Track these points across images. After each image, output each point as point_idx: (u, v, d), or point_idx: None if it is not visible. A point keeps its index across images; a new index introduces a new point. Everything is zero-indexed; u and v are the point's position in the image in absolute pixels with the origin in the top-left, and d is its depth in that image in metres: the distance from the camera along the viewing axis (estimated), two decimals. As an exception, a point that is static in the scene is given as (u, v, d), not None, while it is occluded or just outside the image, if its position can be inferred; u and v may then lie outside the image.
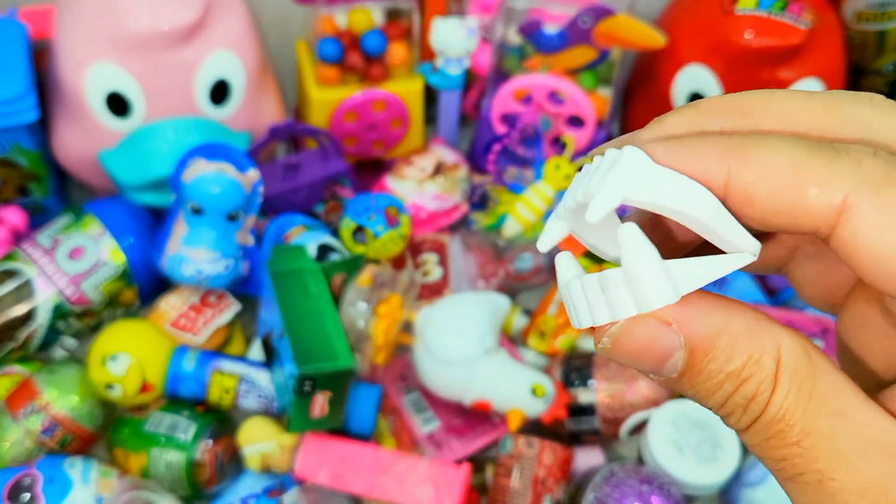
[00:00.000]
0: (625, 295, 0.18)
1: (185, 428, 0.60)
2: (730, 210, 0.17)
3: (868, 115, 0.18)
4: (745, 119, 0.18)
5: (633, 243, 0.17)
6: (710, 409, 0.18)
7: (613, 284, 0.18)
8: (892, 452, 0.16)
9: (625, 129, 0.81)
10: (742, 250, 0.18)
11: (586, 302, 0.18)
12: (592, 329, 0.19)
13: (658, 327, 0.17)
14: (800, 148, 0.17)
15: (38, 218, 0.74)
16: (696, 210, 0.17)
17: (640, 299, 0.17)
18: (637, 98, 0.78)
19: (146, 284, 0.69)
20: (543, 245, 0.20)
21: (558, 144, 0.77)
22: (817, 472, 0.16)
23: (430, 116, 0.84)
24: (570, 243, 0.75)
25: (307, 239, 0.68)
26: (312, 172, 0.72)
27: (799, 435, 0.16)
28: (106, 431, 0.64)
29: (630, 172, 0.17)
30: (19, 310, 0.65)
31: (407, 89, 0.75)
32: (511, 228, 0.76)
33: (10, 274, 0.65)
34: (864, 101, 0.18)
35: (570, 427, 0.63)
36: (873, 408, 0.16)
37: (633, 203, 0.17)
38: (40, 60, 0.72)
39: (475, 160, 0.80)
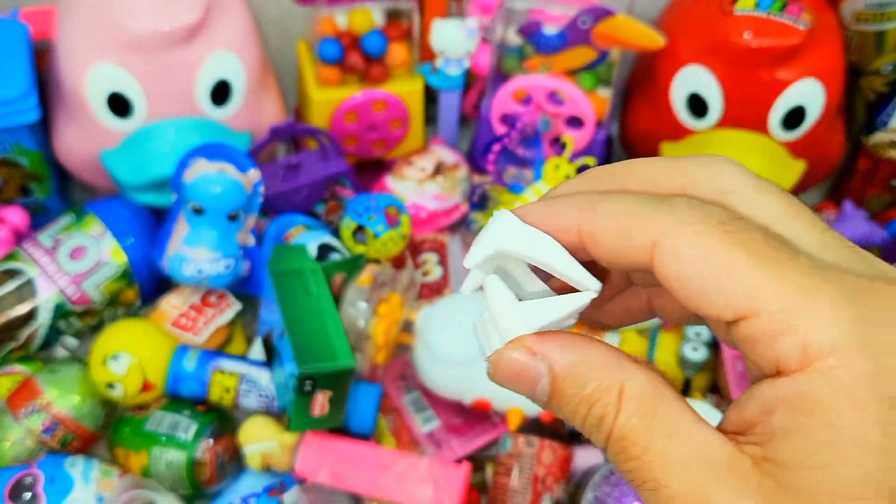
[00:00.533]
0: (492, 331, 0.22)
1: (186, 427, 0.60)
2: (588, 253, 0.22)
3: (706, 174, 0.22)
4: (616, 183, 0.23)
5: (494, 291, 0.22)
6: (577, 428, 0.22)
7: (488, 323, 0.22)
8: (710, 463, 0.19)
9: (624, 129, 0.81)
10: (588, 288, 0.22)
11: (485, 337, 0.23)
12: None
13: (526, 356, 0.22)
14: (634, 201, 0.21)
15: (39, 218, 0.74)
16: (544, 258, 0.22)
17: (502, 333, 0.22)
18: (636, 98, 0.79)
19: (147, 284, 0.69)
20: (466, 289, 0.23)
21: (558, 145, 0.77)
22: (655, 481, 0.20)
23: (430, 117, 0.84)
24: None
25: (307, 239, 0.68)
26: (313, 172, 0.73)
27: (641, 450, 0.20)
28: (107, 431, 0.64)
29: (499, 230, 0.22)
30: (21, 309, 0.65)
31: (407, 90, 0.75)
32: (511, 228, 0.76)
33: (12, 273, 0.66)
34: (707, 163, 0.22)
35: (569, 426, 0.63)
36: (701, 427, 0.20)
37: (504, 253, 0.22)
38: (41, 61, 0.73)
39: (475, 160, 0.81)
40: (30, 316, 0.65)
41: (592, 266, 0.22)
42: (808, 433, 0.18)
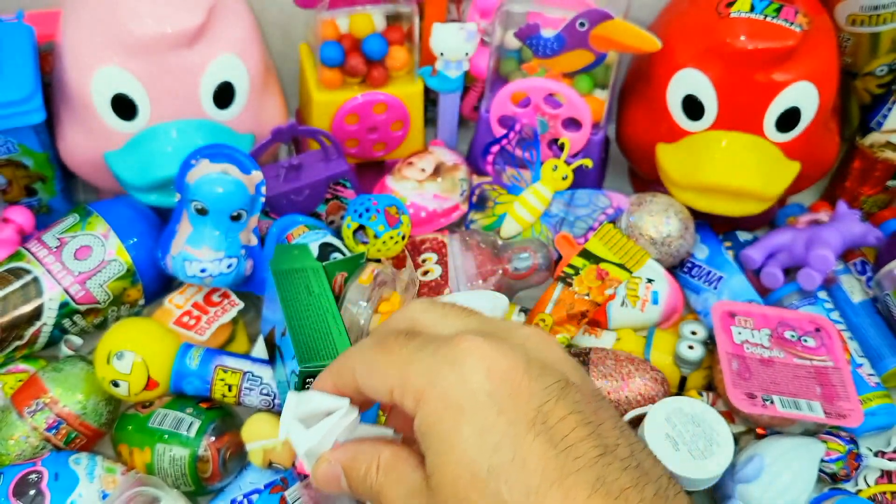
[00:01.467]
0: (306, 461, 0.33)
1: (190, 424, 0.61)
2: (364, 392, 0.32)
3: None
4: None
5: (292, 433, 0.33)
6: (367, 500, 0.31)
7: (302, 459, 0.33)
8: (411, 490, 0.29)
9: (620, 131, 0.81)
10: (340, 406, 0.33)
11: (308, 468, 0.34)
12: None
13: (328, 465, 0.32)
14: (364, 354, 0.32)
15: (44, 218, 0.74)
16: (306, 407, 0.33)
17: (299, 453, 0.33)
18: (633, 100, 0.79)
19: (151, 283, 0.70)
20: (281, 435, 0.34)
21: (556, 146, 0.77)
22: None
23: (430, 118, 0.85)
24: (566, 241, 0.76)
25: (309, 238, 0.68)
26: (314, 173, 0.73)
27: (385, 495, 0.30)
28: (111, 428, 0.64)
29: (287, 407, 0.33)
30: (26, 308, 0.65)
31: (407, 92, 0.75)
32: (509, 228, 0.77)
33: (17, 273, 0.66)
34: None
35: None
36: (410, 468, 0.30)
37: (295, 416, 0.33)
38: (46, 62, 0.73)
39: (474, 161, 0.81)
40: (35, 314, 0.66)
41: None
42: (429, 449, 0.28)
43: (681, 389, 0.69)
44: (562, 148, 0.76)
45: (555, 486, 0.25)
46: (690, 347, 0.68)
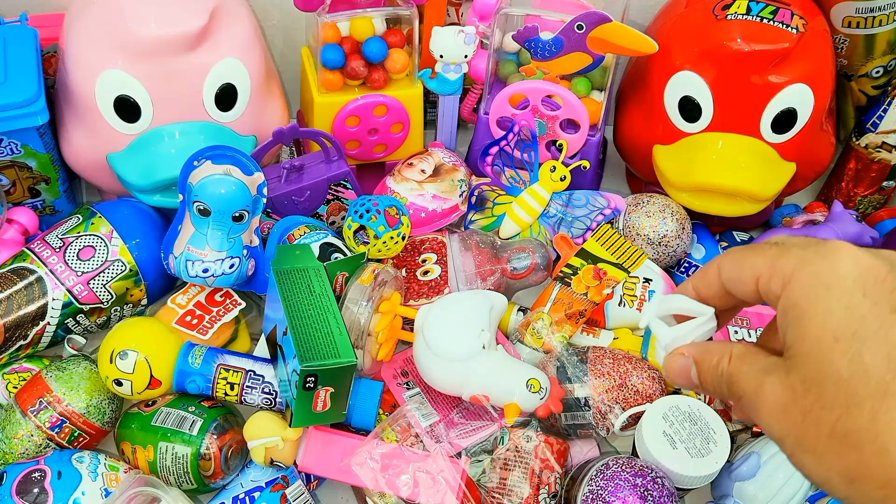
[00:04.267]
0: (660, 350, 0.37)
1: (192, 422, 0.61)
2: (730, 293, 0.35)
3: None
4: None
5: (655, 327, 0.37)
6: (711, 392, 0.35)
7: (658, 346, 0.38)
8: (762, 369, 0.32)
9: (618, 133, 0.82)
10: (704, 313, 0.36)
11: (658, 353, 0.38)
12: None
13: (682, 357, 0.35)
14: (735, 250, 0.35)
15: (48, 219, 0.75)
16: (674, 306, 0.37)
17: (666, 349, 0.37)
18: (630, 102, 0.79)
19: (154, 283, 0.70)
20: (643, 322, 0.41)
21: (554, 147, 0.78)
22: (745, 393, 0.32)
23: (430, 120, 0.85)
24: (564, 241, 0.76)
25: (310, 238, 0.69)
26: (315, 174, 0.73)
27: (738, 378, 0.33)
28: (114, 426, 0.65)
29: (651, 302, 0.46)
30: (30, 308, 0.66)
31: (407, 94, 0.76)
32: (508, 229, 0.77)
33: (21, 273, 0.67)
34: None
35: (565, 421, 0.64)
36: (762, 356, 0.32)
37: (658, 310, 0.38)
38: (50, 64, 0.73)
39: (473, 163, 0.81)
40: (39, 314, 0.66)
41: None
42: (791, 322, 0.31)
43: (678, 388, 0.69)
44: (560, 149, 0.77)
45: None
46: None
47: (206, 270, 0.63)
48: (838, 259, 0.30)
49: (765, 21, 0.68)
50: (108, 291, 0.68)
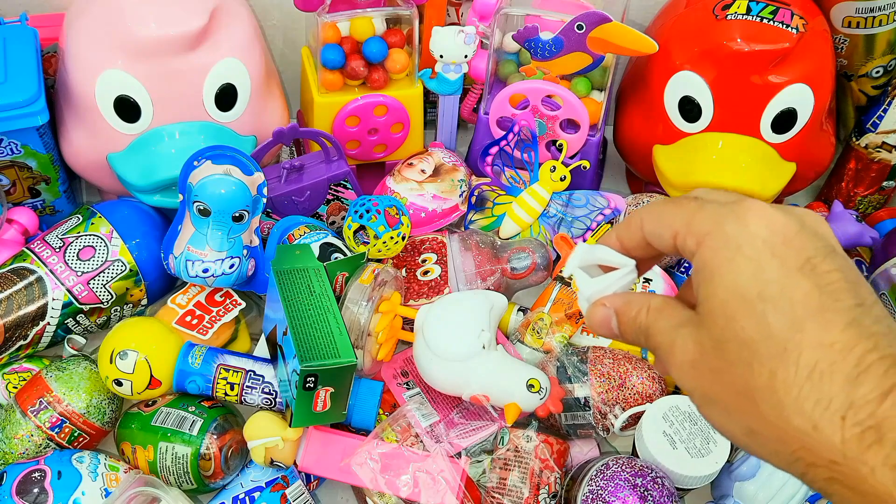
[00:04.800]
0: (582, 301, 0.37)
1: (192, 422, 0.61)
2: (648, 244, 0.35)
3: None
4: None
5: (578, 277, 0.37)
6: (631, 341, 0.35)
7: (579, 297, 0.38)
8: (679, 322, 0.32)
9: (618, 133, 0.82)
10: (626, 265, 0.36)
11: (580, 303, 0.38)
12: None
13: (604, 308, 0.36)
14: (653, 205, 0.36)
15: (48, 219, 0.75)
16: (597, 256, 0.37)
17: (588, 299, 0.37)
18: (630, 102, 0.79)
19: (154, 283, 0.70)
20: (566, 271, 0.39)
21: (554, 147, 0.78)
22: (660, 345, 0.33)
23: (430, 120, 0.85)
24: (564, 241, 0.76)
25: (310, 238, 0.69)
26: (315, 174, 0.73)
27: (654, 331, 0.33)
28: (114, 426, 0.65)
29: (575, 251, 0.38)
30: (30, 308, 0.66)
31: (407, 94, 0.76)
32: (508, 229, 0.77)
33: (21, 273, 0.67)
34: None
35: (565, 421, 0.64)
36: (680, 308, 0.33)
37: (580, 261, 0.37)
38: (50, 64, 0.74)
39: (473, 163, 0.82)
40: (39, 314, 0.66)
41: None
42: (703, 281, 0.31)
43: (678, 388, 0.69)
44: (560, 149, 0.77)
45: (815, 317, 0.28)
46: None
47: (206, 270, 0.63)
48: (750, 219, 0.31)
49: (765, 21, 0.68)
50: (108, 291, 0.68)
